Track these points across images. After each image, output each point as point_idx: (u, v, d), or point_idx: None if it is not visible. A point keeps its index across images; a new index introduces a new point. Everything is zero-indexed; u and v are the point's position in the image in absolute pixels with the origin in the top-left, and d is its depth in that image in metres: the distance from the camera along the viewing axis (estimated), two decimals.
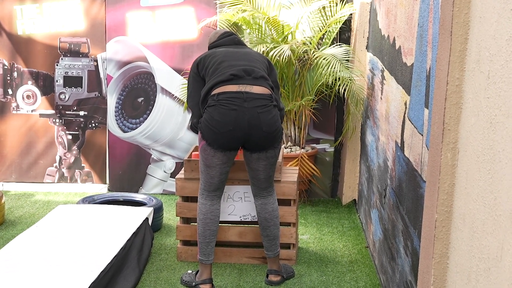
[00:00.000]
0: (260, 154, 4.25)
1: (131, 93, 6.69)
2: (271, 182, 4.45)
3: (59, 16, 6.63)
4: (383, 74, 4.74)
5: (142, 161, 6.79)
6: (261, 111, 4.11)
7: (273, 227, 4.49)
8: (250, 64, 4.26)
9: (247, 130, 4.11)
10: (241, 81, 4.15)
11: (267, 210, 4.46)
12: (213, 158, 4.20)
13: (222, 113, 4.09)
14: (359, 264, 4.88)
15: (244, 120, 4.09)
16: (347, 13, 6.18)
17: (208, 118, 4.13)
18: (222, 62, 4.26)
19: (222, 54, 4.33)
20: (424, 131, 3.17)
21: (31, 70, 6.73)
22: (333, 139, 6.62)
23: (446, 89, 2.38)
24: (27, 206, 6.28)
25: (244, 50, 4.43)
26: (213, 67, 4.26)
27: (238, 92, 4.12)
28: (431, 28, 3.08)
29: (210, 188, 4.35)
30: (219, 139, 4.12)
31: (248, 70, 4.20)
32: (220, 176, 4.30)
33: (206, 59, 4.34)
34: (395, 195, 3.96)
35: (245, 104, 4.09)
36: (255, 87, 4.15)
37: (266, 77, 4.25)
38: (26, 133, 6.84)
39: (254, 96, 4.12)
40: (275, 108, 4.22)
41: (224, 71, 4.19)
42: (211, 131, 4.12)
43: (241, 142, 4.18)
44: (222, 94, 4.11)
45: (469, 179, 2.24)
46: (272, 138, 4.20)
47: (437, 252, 2.51)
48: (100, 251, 4.31)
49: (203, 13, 6.47)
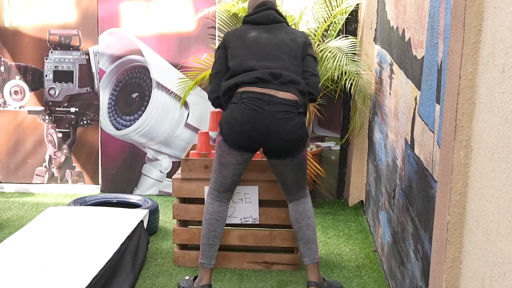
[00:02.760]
0: (281, 160, 4.26)
1: (125, 88, 6.69)
2: (301, 187, 4.44)
3: (49, 7, 6.63)
4: (391, 67, 4.74)
5: (136, 160, 6.79)
6: (281, 117, 4.09)
7: (306, 227, 4.47)
8: (279, 65, 4.21)
9: (265, 134, 4.10)
10: (267, 85, 4.14)
11: (297, 210, 4.46)
12: (228, 156, 4.22)
13: (242, 112, 4.10)
14: (367, 269, 4.89)
15: (263, 123, 4.08)
16: (354, 3, 6.18)
17: (228, 115, 4.16)
18: (249, 59, 4.23)
19: (251, 45, 4.28)
20: (435, 128, 3.18)
21: (18, 64, 6.73)
22: (339, 136, 6.62)
23: (459, 83, 2.38)
24: (15, 208, 6.29)
25: (278, 39, 4.32)
26: (238, 58, 4.24)
27: (262, 94, 4.11)
28: (442, 19, 3.08)
29: (220, 188, 4.36)
30: (235, 138, 4.14)
31: (276, 74, 4.16)
32: (233, 177, 4.31)
33: (235, 43, 4.32)
34: (405, 196, 3.96)
35: (266, 107, 4.08)
36: (280, 92, 4.14)
37: (296, 81, 4.19)
38: (13, 130, 6.85)
39: (277, 100, 4.10)
40: (300, 115, 4.17)
41: (249, 70, 4.19)
42: (229, 128, 4.14)
43: (258, 145, 4.18)
44: (245, 93, 4.12)
45: (483, 179, 2.24)
46: (292, 146, 4.18)
47: (449, 256, 2.51)
48: (93, 256, 4.32)
49: (201, 4, 6.47)
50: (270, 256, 4.86)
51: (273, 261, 4.85)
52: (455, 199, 2.46)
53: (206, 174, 4.78)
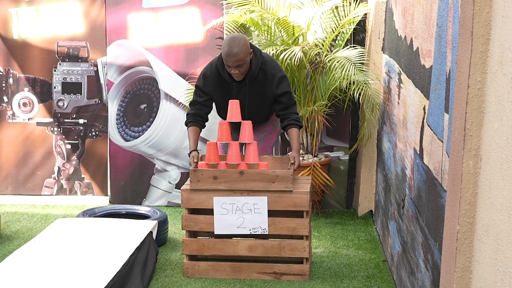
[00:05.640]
0: None
1: (133, 99, 6.71)
2: None
3: (57, 19, 6.67)
4: (400, 77, 4.75)
5: (145, 171, 6.81)
6: None
7: None
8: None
9: None
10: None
11: None
12: None
13: None
14: (377, 279, 4.88)
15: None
16: (362, 13, 6.19)
17: None
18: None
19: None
20: (444, 137, 3.18)
21: (27, 76, 6.77)
22: (348, 146, 6.62)
23: (467, 92, 2.38)
24: (24, 220, 6.31)
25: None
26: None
27: None
28: (450, 28, 3.09)
29: None
30: None
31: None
32: None
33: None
34: (414, 206, 3.96)
35: None
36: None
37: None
38: (22, 142, 6.87)
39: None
40: None
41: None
42: None
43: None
44: None
45: (492, 188, 2.24)
46: None
47: (459, 265, 2.51)
48: (102, 267, 4.33)
49: (208, 14, 6.49)
50: (279, 267, 4.86)
51: (283, 272, 4.84)
52: (465, 209, 2.46)
53: (215, 185, 4.78)
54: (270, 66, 5.01)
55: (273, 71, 5.00)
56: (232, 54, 4.75)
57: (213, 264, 4.90)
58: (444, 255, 2.72)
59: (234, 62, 4.78)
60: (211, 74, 5.05)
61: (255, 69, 4.93)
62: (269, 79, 4.99)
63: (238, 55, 4.76)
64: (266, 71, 4.98)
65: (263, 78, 4.99)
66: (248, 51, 4.84)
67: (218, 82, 5.04)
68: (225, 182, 4.77)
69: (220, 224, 4.80)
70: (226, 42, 4.80)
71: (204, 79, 5.08)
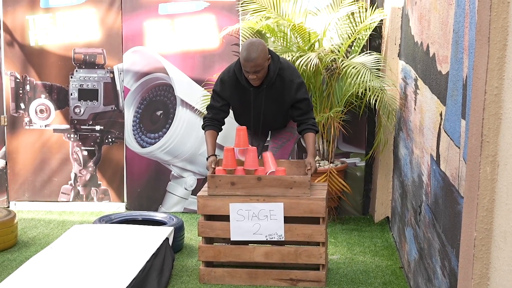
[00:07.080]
0: None
1: (150, 106, 6.74)
2: None
3: (73, 26, 6.71)
4: (416, 83, 4.74)
5: (161, 177, 6.83)
6: None
7: None
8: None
9: None
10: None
11: None
12: None
13: None
14: (393, 285, 4.87)
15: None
16: (378, 19, 6.19)
17: None
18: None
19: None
20: (461, 143, 3.17)
21: (44, 83, 6.81)
22: (364, 152, 6.62)
23: (484, 98, 2.38)
24: (41, 226, 6.34)
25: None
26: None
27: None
28: (467, 34, 3.08)
29: None
30: None
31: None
32: None
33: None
34: (431, 212, 3.95)
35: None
36: None
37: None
38: (39, 149, 6.91)
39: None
40: None
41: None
42: None
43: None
44: None
45: (510, 194, 2.23)
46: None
47: (477, 272, 2.50)
48: (118, 274, 4.34)
49: (224, 21, 6.51)
50: (295, 273, 4.85)
51: (299, 278, 4.84)
52: (482, 215, 2.46)
53: (232, 190, 4.79)
54: (288, 72, 4.99)
55: (291, 77, 4.97)
56: (251, 59, 4.74)
57: (230, 271, 4.91)
58: (461, 262, 2.72)
59: (252, 67, 4.77)
60: (229, 79, 5.03)
61: (273, 74, 4.91)
62: (287, 85, 4.97)
63: (257, 61, 4.75)
64: (284, 77, 4.96)
65: (281, 84, 4.97)
66: (266, 57, 4.82)
67: (236, 87, 5.03)
68: (243, 188, 4.78)
69: (236, 230, 4.80)
70: (245, 47, 4.78)
71: (221, 84, 5.06)
